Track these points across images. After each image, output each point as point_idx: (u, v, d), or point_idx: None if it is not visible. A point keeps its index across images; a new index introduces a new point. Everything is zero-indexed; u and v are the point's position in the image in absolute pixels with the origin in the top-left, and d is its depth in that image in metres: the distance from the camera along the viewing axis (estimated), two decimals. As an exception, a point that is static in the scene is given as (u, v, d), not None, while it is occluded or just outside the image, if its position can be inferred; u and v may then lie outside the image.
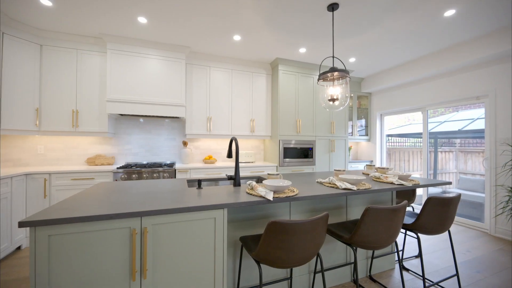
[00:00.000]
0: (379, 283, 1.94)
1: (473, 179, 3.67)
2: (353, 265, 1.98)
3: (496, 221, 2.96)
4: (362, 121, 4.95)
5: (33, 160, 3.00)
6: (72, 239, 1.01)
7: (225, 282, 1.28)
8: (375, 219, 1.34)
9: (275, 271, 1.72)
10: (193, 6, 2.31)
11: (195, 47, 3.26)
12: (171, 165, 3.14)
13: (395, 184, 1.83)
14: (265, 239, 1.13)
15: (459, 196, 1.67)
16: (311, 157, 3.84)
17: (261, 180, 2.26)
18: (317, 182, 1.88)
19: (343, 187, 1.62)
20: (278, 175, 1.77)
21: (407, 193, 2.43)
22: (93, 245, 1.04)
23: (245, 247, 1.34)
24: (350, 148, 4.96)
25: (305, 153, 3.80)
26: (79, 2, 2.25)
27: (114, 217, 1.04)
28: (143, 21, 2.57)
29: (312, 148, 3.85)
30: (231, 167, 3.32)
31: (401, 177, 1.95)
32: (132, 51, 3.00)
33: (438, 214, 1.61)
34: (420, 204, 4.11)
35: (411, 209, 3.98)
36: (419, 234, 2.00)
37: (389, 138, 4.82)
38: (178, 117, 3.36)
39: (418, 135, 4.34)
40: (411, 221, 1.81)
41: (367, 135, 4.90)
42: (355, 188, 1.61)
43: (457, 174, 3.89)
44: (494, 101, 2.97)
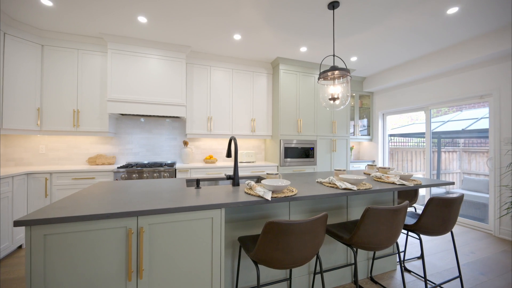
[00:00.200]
0: (380, 284, 1.92)
1: (477, 180, 3.61)
2: (353, 266, 1.96)
3: (500, 222, 2.91)
4: (364, 121, 4.90)
5: (35, 159, 3.02)
6: (67, 238, 1.01)
7: (223, 282, 1.26)
8: (375, 219, 1.32)
9: (275, 272, 1.70)
10: (193, 5, 2.30)
11: (196, 46, 3.25)
12: (172, 165, 3.14)
13: (396, 184, 1.80)
14: (262, 240, 1.11)
15: (461, 196, 1.64)
16: (312, 157, 3.81)
17: (261, 180, 2.25)
18: (317, 182, 1.86)
19: (343, 187, 1.60)
20: (277, 174, 1.75)
21: (409, 194, 2.40)
22: (89, 245, 1.04)
23: (243, 248, 1.32)
24: (351, 148, 4.92)
25: (306, 153, 3.77)
26: (80, 2, 2.26)
27: (110, 216, 1.04)
28: (143, 20, 2.57)
29: (313, 148, 3.82)
30: (231, 167, 3.31)
31: (403, 177, 1.92)
32: (132, 51, 3.01)
33: (440, 214, 1.59)
34: (423, 204, 4.06)
35: (413, 210, 3.95)
36: (421, 235, 1.96)
37: (392, 138, 4.77)
38: (178, 117, 3.35)
39: (421, 135, 4.29)
40: (413, 221, 1.78)
41: (369, 134, 4.85)
42: (355, 188, 1.58)
43: (461, 174, 3.84)
44: (498, 100, 2.92)
